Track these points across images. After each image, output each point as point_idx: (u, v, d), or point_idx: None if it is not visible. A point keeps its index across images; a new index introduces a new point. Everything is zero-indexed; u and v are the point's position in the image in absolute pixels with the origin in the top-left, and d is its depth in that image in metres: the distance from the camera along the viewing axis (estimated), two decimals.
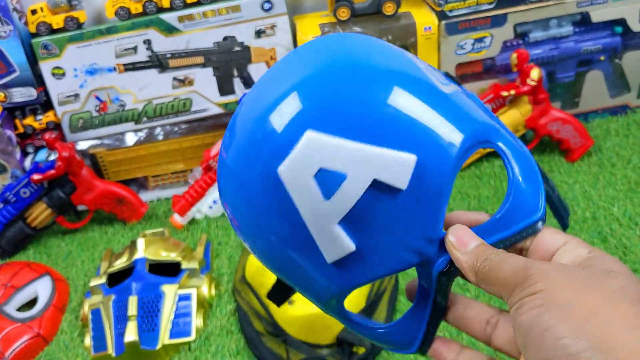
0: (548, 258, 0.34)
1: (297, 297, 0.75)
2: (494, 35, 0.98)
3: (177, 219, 0.97)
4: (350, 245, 0.33)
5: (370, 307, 0.77)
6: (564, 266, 0.30)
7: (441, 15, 0.96)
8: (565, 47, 1.01)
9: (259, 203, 0.34)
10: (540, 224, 0.34)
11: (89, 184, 0.98)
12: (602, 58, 1.03)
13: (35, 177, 0.96)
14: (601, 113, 1.08)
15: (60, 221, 0.99)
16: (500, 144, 0.35)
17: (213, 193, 0.97)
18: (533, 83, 0.95)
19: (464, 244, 0.33)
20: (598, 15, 0.99)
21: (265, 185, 0.33)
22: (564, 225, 0.41)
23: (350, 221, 0.33)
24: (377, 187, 0.32)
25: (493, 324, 0.36)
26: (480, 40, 0.98)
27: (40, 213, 0.98)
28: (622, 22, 1.00)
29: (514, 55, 0.97)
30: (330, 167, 0.32)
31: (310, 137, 0.32)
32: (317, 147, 0.32)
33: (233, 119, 0.37)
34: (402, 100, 0.32)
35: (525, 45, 1.01)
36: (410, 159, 0.32)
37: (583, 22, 1.01)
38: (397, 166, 0.32)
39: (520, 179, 0.35)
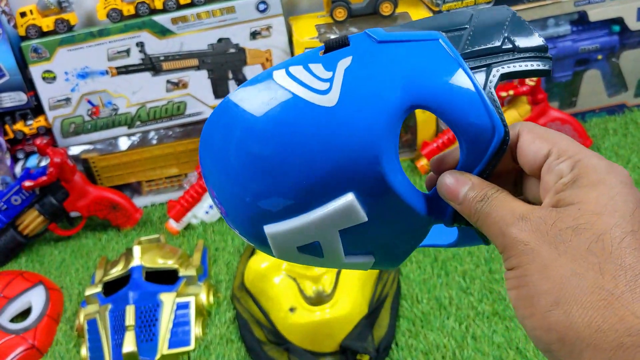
0: (537, 171, 0.32)
1: (299, 304, 0.73)
2: None
3: (172, 224, 0.95)
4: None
5: (372, 313, 0.75)
6: (533, 233, 0.29)
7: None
8: (562, 47, 1.01)
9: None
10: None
11: (82, 190, 0.96)
12: (599, 57, 1.03)
13: (27, 184, 0.93)
14: (599, 112, 1.08)
15: (53, 228, 0.97)
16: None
17: (209, 198, 0.96)
18: (532, 83, 0.95)
19: (455, 195, 0.32)
20: (595, 14, 0.98)
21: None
22: None
23: (351, 252, 0.34)
24: (348, 230, 0.33)
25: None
26: None
27: (32, 220, 0.96)
28: (619, 21, 1.00)
29: None
30: (305, 243, 0.34)
31: (271, 232, 0.34)
32: (285, 238, 0.34)
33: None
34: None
35: None
36: (348, 199, 0.32)
37: (580, 21, 1.00)
38: (345, 213, 0.32)
39: None
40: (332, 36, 0.95)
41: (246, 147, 0.32)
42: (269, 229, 0.33)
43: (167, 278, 0.82)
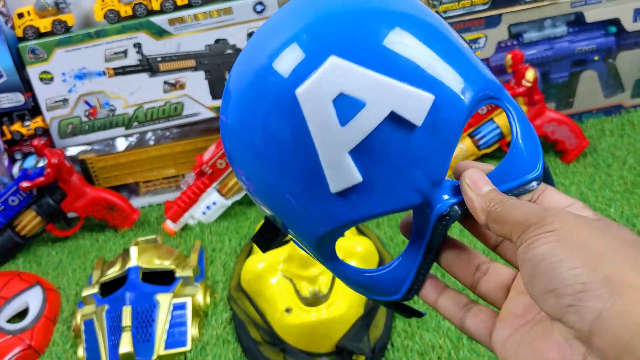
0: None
1: (295, 305, 0.74)
2: (488, 36, 0.97)
3: (169, 225, 0.95)
4: (357, 176, 0.33)
5: (369, 314, 0.76)
6: (578, 214, 0.31)
7: None
8: (559, 48, 1.01)
9: (269, 131, 0.33)
10: (535, 183, 0.35)
11: (79, 191, 0.97)
12: (596, 58, 1.03)
13: (24, 184, 0.93)
14: (595, 113, 1.08)
15: (51, 229, 0.97)
16: (506, 104, 0.36)
17: (206, 199, 0.96)
18: (528, 84, 0.95)
19: (478, 186, 0.34)
20: (592, 15, 0.98)
21: (279, 110, 0.33)
22: None
23: (361, 152, 0.32)
24: (393, 119, 0.32)
25: (483, 270, 0.37)
26: (474, 41, 0.98)
27: (29, 221, 0.96)
28: (616, 21, 1.00)
29: (509, 56, 0.96)
30: (351, 93, 0.32)
31: (334, 62, 0.32)
32: (340, 72, 0.32)
33: (227, 83, 0.36)
34: (423, 43, 0.33)
35: (519, 46, 1.00)
36: (428, 97, 0.32)
37: (577, 22, 1.00)
38: (415, 102, 0.32)
39: (521, 140, 0.36)
40: None
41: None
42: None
43: (163, 279, 0.82)
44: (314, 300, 0.75)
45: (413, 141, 0.32)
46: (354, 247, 0.80)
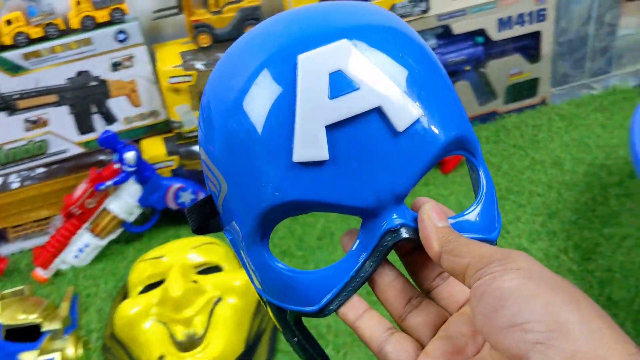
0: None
1: (169, 351, 0.70)
2: None
3: (39, 273, 0.89)
4: (324, 152, 0.32)
5: (249, 350, 0.73)
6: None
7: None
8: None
9: (258, 82, 0.33)
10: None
11: None
12: (467, 68, 1.06)
13: None
14: (472, 121, 1.10)
15: None
16: (477, 161, 0.37)
17: (77, 241, 0.90)
18: None
19: (436, 218, 0.33)
20: (459, 27, 1.01)
21: (276, 69, 0.33)
22: None
23: (337, 132, 0.32)
24: (378, 115, 0.32)
25: (414, 304, 0.35)
26: None
27: None
28: (482, 32, 1.02)
29: None
30: (348, 74, 0.32)
31: (345, 43, 0.33)
32: (346, 53, 0.32)
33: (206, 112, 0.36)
34: (426, 71, 0.35)
35: None
36: (417, 111, 0.33)
37: (446, 35, 1.02)
38: (404, 109, 0.33)
39: (483, 200, 0.37)
40: (197, 64, 0.92)
41: None
42: None
43: (29, 335, 0.76)
44: (190, 344, 0.71)
45: (388, 145, 0.33)
46: (232, 281, 0.77)
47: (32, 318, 0.77)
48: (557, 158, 1.00)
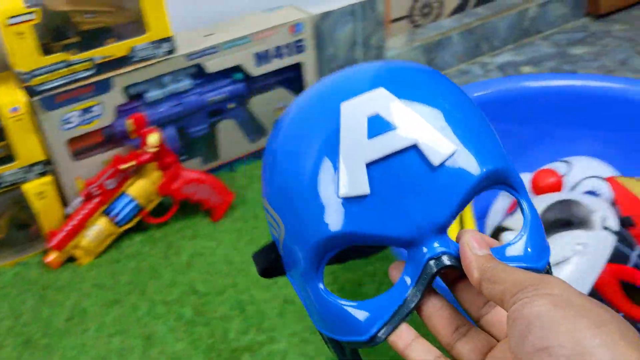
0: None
1: None
2: (103, 102, 0.88)
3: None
4: (365, 188, 0.35)
5: None
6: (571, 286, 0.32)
7: (30, 91, 0.83)
8: (189, 102, 0.96)
9: (306, 133, 0.38)
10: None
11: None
12: (231, 106, 1.00)
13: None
14: (246, 160, 1.05)
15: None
16: (520, 195, 0.39)
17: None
18: (153, 149, 0.87)
19: (476, 247, 0.35)
20: (213, 65, 0.95)
21: (322, 115, 0.38)
22: None
23: (377, 169, 0.36)
24: (414, 151, 0.36)
25: (462, 332, 0.37)
26: (88, 110, 0.87)
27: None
28: (240, 68, 0.98)
29: (130, 121, 0.88)
30: (385, 117, 0.36)
31: (382, 91, 0.37)
32: (384, 100, 0.37)
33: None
34: (461, 111, 0.38)
35: (144, 107, 0.92)
36: (451, 146, 0.36)
37: (201, 74, 0.96)
38: (438, 145, 0.36)
39: (528, 230, 0.38)
40: None
41: None
42: None
43: None
44: None
45: (426, 178, 0.35)
46: None
47: None
48: None
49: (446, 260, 0.35)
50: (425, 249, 0.35)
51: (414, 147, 0.35)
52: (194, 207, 0.96)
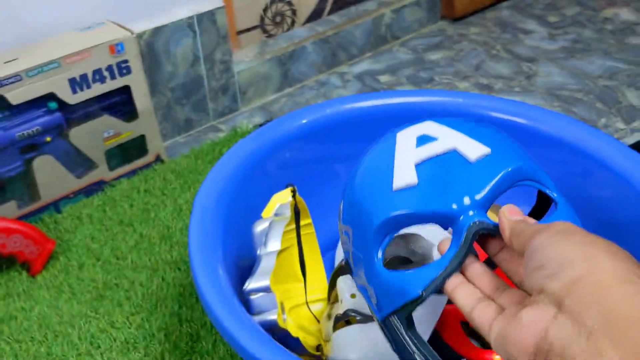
0: None
1: None
2: None
3: None
4: (414, 179, 0.46)
5: None
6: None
7: None
8: None
9: (372, 158, 0.52)
10: None
11: None
12: (48, 139, 0.87)
13: None
14: (74, 197, 0.93)
15: None
16: (544, 183, 0.48)
17: None
18: None
19: (512, 214, 0.43)
20: (17, 95, 0.81)
21: (383, 145, 0.51)
22: None
23: (423, 166, 0.46)
24: (454, 152, 0.46)
25: (501, 290, 0.43)
26: None
27: None
28: (54, 96, 0.85)
29: None
30: (431, 134, 0.48)
31: (430, 123, 0.50)
32: (430, 124, 0.49)
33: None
34: (490, 128, 0.51)
35: None
36: (486, 149, 0.46)
37: (4, 106, 0.82)
38: (474, 147, 0.46)
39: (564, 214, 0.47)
40: None
41: None
42: None
43: None
44: None
45: (464, 168, 0.45)
46: None
47: None
48: (167, 230, 0.88)
49: (486, 224, 0.43)
50: (465, 217, 0.44)
51: (454, 150, 0.46)
52: (7, 261, 0.83)
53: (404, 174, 0.46)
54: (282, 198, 0.63)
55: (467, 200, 0.44)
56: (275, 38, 1.23)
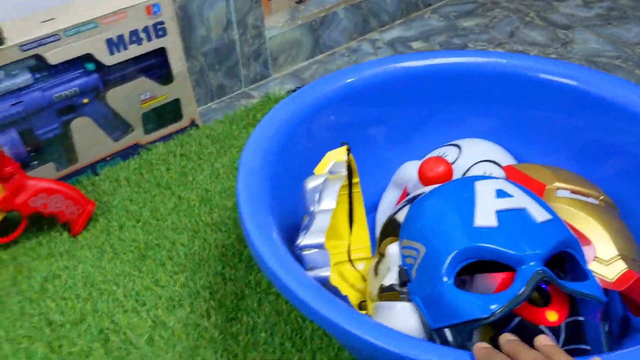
0: None
1: None
2: None
3: None
4: (495, 222, 0.54)
5: None
6: None
7: None
8: (31, 99, 0.81)
9: (447, 193, 0.60)
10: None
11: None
12: (85, 101, 0.87)
13: None
14: (111, 160, 0.93)
15: None
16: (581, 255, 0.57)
17: None
18: None
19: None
20: (55, 55, 0.81)
21: (459, 187, 0.60)
22: None
23: (502, 215, 0.54)
24: (525, 211, 0.55)
25: None
26: None
27: None
28: (91, 57, 0.84)
29: None
30: (507, 191, 0.57)
31: (504, 182, 0.59)
32: (504, 183, 0.58)
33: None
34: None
35: None
36: (549, 215, 0.56)
37: (43, 67, 0.82)
38: (540, 211, 0.56)
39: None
40: None
41: None
42: None
43: None
44: None
45: (532, 226, 0.54)
46: None
47: None
48: (206, 193, 0.87)
49: (547, 275, 0.50)
50: (532, 264, 0.51)
51: (525, 209, 0.55)
52: (48, 221, 0.83)
53: (486, 216, 0.54)
54: (337, 156, 0.62)
55: (534, 252, 0.52)
56: (306, 3, 1.21)
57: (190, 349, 0.67)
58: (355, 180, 0.69)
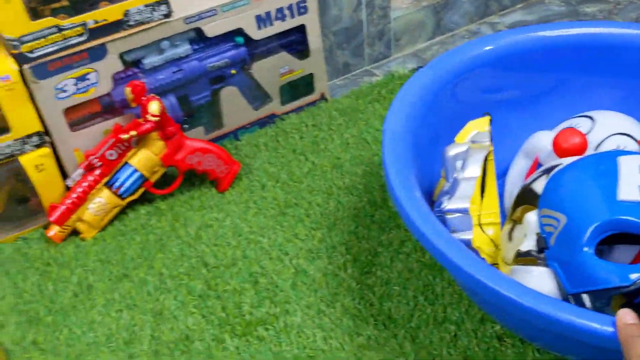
0: None
1: None
2: (98, 70, 0.84)
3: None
4: (638, 197, 0.55)
5: None
6: None
7: (21, 59, 0.78)
8: (189, 68, 0.91)
9: (589, 165, 0.64)
10: None
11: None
12: (233, 72, 0.96)
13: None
14: (251, 127, 1.01)
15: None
16: None
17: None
18: (154, 119, 0.83)
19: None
20: (211, 29, 0.90)
21: (604, 162, 0.62)
22: None
23: None
24: None
25: None
26: (83, 78, 0.83)
27: None
28: (241, 32, 0.93)
29: (128, 89, 0.84)
30: None
31: None
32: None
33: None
34: None
35: (143, 73, 0.88)
36: None
37: (200, 39, 0.91)
38: None
39: None
40: None
41: None
42: None
43: None
44: None
45: None
46: None
47: None
48: (337, 160, 0.94)
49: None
50: None
51: None
52: (199, 178, 0.92)
53: (630, 190, 0.56)
54: (479, 126, 0.67)
55: None
56: None
57: (331, 295, 0.74)
58: (491, 148, 0.73)
